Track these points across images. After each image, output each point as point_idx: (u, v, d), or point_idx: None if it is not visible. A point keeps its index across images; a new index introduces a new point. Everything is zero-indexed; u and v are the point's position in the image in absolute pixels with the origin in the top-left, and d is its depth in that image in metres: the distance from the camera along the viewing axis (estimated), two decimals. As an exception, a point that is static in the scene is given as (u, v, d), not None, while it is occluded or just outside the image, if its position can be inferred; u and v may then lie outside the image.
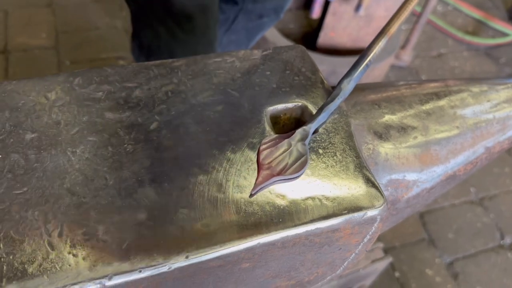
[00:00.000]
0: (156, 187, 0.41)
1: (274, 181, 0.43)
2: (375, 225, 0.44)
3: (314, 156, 0.46)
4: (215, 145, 0.45)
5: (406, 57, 2.13)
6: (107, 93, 0.47)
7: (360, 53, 1.89)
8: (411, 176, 0.51)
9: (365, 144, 0.49)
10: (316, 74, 0.53)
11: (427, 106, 0.52)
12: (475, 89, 0.56)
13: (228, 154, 0.44)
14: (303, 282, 0.50)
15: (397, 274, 1.59)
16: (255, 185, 0.42)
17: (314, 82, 0.53)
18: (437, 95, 0.54)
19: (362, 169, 0.45)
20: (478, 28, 2.41)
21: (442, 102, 0.53)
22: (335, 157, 0.46)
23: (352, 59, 1.96)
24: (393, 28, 0.50)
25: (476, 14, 2.43)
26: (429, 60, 2.25)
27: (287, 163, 0.44)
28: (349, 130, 0.48)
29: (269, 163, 0.44)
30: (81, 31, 2.09)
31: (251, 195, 0.42)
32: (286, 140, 0.45)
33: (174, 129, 0.45)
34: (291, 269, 0.46)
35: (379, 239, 1.12)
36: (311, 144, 0.47)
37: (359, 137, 0.49)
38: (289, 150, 0.45)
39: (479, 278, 1.62)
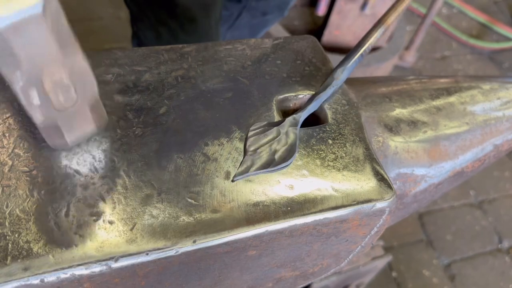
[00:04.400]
0: (164, 170, 0.40)
1: (258, 173, 0.42)
2: (383, 217, 0.44)
3: (323, 147, 0.45)
4: (224, 132, 0.44)
5: (410, 58, 2.12)
6: (116, 75, 0.47)
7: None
8: (419, 171, 0.50)
9: (375, 137, 0.48)
10: (326, 65, 0.53)
11: (438, 102, 0.52)
12: (486, 86, 0.55)
13: (236, 142, 0.44)
14: (307, 273, 0.49)
15: (394, 274, 1.59)
16: (236, 173, 0.41)
17: (325, 73, 0.52)
18: (448, 91, 0.53)
19: (372, 161, 0.45)
20: (482, 31, 2.41)
21: (453, 98, 0.53)
22: (344, 148, 0.45)
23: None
24: (390, 19, 0.50)
25: (481, 17, 2.43)
26: (433, 62, 2.25)
27: (275, 150, 0.43)
28: (359, 121, 0.47)
29: (254, 150, 0.43)
30: (84, 21, 2.08)
31: (233, 181, 0.41)
32: (275, 128, 0.44)
33: (183, 114, 0.45)
34: (296, 259, 0.45)
35: (379, 237, 1.12)
36: (321, 134, 0.46)
37: (369, 129, 0.48)
38: (277, 138, 0.44)
39: (476, 281, 1.63)
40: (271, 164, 0.42)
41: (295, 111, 0.50)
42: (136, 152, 0.41)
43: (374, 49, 1.96)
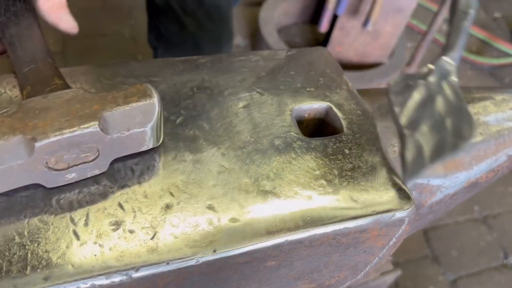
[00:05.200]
0: (184, 179, 0.40)
1: (436, 162, 0.29)
2: (403, 227, 0.43)
3: (340, 156, 0.45)
4: (241, 142, 0.44)
5: (411, 74, 2.13)
6: (132, 86, 0.47)
7: (366, 68, 1.90)
8: (435, 181, 0.50)
9: (391, 147, 0.48)
10: (340, 76, 0.53)
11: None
12: (498, 97, 0.56)
13: (254, 151, 0.44)
14: (324, 285, 0.49)
15: (400, 290, 1.57)
16: (409, 171, 0.28)
17: (339, 84, 0.52)
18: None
19: (390, 171, 0.44)
20: (482, 48, 2.43)
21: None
22: (361, 158, 0.45)
23: (358, 74, 1.96)
24: None
25: (480, 34, 2.45)
26: (434, 77, 2.26)
27: (441, 118, 0.27)
28: (375, 132, 0.47)
29: (411, 122, 0.28)
30: (88, 37, 2.10)
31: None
32: (424, 83, 0.29)
33: (199, 125, 0.45)
34: (314, 271, 0.45)
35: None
36: (337, 143, 0.46)
37: (385, 140, 0.48)
38: (434, 99, 0.28)
39: (483, 297, 1.60)
40: (445, 144, 0.26)
41: (310, 120, 0.50)
42: (154, 162, 0.41)
43: (376, 65, 1.97)
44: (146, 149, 0.39)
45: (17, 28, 0.46)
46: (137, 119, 0.36)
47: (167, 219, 0.37)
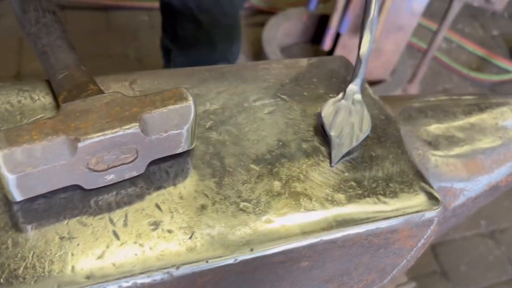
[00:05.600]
0: (217, 181, 0.41)
1: (348, 149, 0.45)
2: (431, 227, 0.44)
3: (367, 159, 0.46)
4: (269, 145, 0.45)
5: (413, 91, 2.16)
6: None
7: (369, 85, 1.91)
8: (458, 185, 0.51)
9: (416, 150, 0.49)
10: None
11: (471, 117, 0.53)
12: (515, 103, 0.57)
13: (282, 154, 0.45)
14: (351, 290, 0.49)
15: (411, 306, 1.55)
16: (332, 159, 0.44)
17: (361, 90, 0.53)
18: (479, 107, 0.55)
19: (416, 173, 0.45)
20: (482, 65, 2.46)
21: (484, 113, 0.54)
22: (388, 161, 0.46)
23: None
24: None
25: (480, 51, 2.49)
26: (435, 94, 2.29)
27: (352, 124, 0.46)
28: (399, 135, 0.48)
29: (337, 132, 0.46)
30: (93, 58, 2.12)
31: (331, 166, 0.44)
32: (342, 103, 0.48)
33: (229, 129, 0.46)
34: (344, 273, 0.45)
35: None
36: (363, 147, 0.47)
37: (409, 143, 0.49)
38: (349, 112, 0.47)
39: (494, 313, 1.59)
40: (355, 138, 0.45)
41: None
42: (187, 164, 0.42)
43: (378, 82, 2.00)
44: (182, 151, 0.40)
45: (48, 38, 0.48)
46: (175, 121, 0.37)
47: (203, 220, 0.38)
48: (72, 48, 0.48)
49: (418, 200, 0.43)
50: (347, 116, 0.46)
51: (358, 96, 0.47)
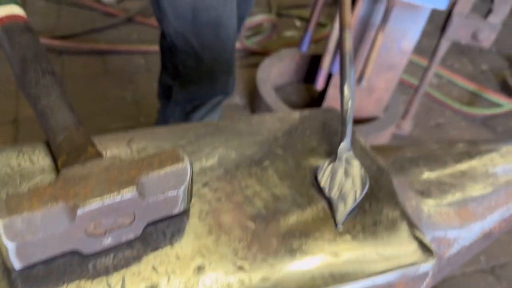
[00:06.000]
0: (213, 239, 0.41)
1: (353, 208, 0.46)
2: (426, 280, 0.44)
3: (361, 212, 0.47)
4: (265, 199, 0.46)
5: (407, 126, 2.20)
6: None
7: (363, 122, 1.94)
8: (452, 233, 0.52)
9: (409, 200, 0.50)
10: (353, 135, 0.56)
11: (461, 165, 0.55)
12: (503, 149, 0.58)
13: (278, 210, 0.45)
14: None
15: None
16: (337, 220, 0.45)
17: (353, 141, 0.55)
18: (469, 155, 0.56)
19: (410, 225, 0.46)
20: (473, 99, 2.51)
21: (474, 161, 0.55)
22: (382, 213, 0.47)
23: (355, 128, 2.00)
24: (348, 18, 0.53)
25: (470, 86, 2.55)
26: (429, 129, 2.32)
27: (352, 181, 0.47)
28: (391, 187, 0.49)
29: (337, 192, 0.47)
30: (90, 102, 2.15)
31: (337, 227, 0.45)
32: (336, 164, 0.49)
33: (224, 185, 0.47)
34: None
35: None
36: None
37: (402, 194, 0.50)
38: (345, 171, 0.48)
39: None
40: (355, 196, 0.46)
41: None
42: (184, 224, 0.42)
43: (371, 119, 2.03)
44: (178, 212, 0.41)
45: (48, 99, 0.49)
46: (171, 182, 0.38)
47: (200, 280, 0.38)
48: (71, 108, 0.49)
49: (413, 252, 0.44)
50: (344, 175, 0.48)
51: (351, 154, 0.49)
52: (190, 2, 1.02)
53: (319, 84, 1.88)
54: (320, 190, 0.48)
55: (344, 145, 0.49)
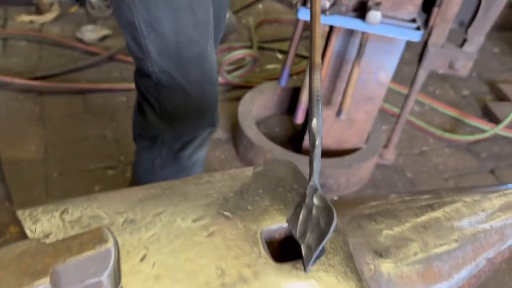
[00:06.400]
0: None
1: (320, 248, 0.43)
2: None
3: (313, 281, 0.43)
4: (208, 274, 0.42)
5: (390, 156, 2.18)
6: (92, 221, 0.46)
7: (345, 153, 1.92)
8: (416, 296, 0.48)
9: (366, 264, 0.47)
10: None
11: (423, 219, 0.52)
12: (468, 199, 0.56)
13: (223, 283, 0.42)
14: None
15: None
16: (305, 262, 0.43)
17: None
18: (431, 207, 0.53)
19: (365, 292, 0.42)
20: (456, 125, 2.51)
21: (437, 214, 0.52)
22: (336, 281, 0.43)
23: (337, 160, 1.98)
24: (317, 59, 0.51)
25: (452, 112, 2.55)
26: (412, 157, 2.31)
27: (317, 221, 0.44)
28: (348, 250, 0.46)
29: (303, 234, 0.45)
30: (70, 142, 2.12)
31: (306, 271, 0.43)
32: (303, 206, 0.47)
33: (163, 259, 0.43)
34: None
35: None
36: (311, 267, 0.44)
37: (359, 257, 0.47)
38: (311, 211, 0.46)
39: None
40: (324, 233, 0.43)
41: (281, 241, 0.49)
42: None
43: (354, 150, 2.01)
44: (105, 298, 0.37)
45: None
46: (92, 268, 0.35)
47: None
48: (1, 180, 0.46)
49: (369, 326, 0.40)
50: (309, 214, 0.45)
51: (319, 192, 0.46)
52: (173, 39, 1.01)
53: (299, 118, 1.87)
54: (268, 257, 0.44)
55: (311, 185, 0.47)
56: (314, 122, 0.48)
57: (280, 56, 2.86)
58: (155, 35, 0.99)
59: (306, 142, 2.02)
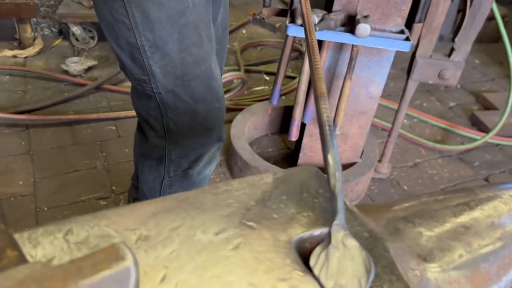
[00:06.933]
0: None
1: None
2: None
3: (356, 290, 0.39)
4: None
5: (384, 169, 2.16)
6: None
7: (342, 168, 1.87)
8: (464, 302, 0.44)
9: (411, 271, 0.43)
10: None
11: (462, 219, 0.48)
12: (504, 195, 0.52)
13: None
14: None
15: None
16: None
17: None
18: (468, 205, 0.50)
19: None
20: (446, 136, 2.52)
21: (476, 212, 0.49)
22: (381, 289, 0.39)
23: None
24: (322, 88, 0.47)
25: (441, 123, 2.56)
26: (407, 170, 2.29)
27: (353, 271, 0.38)
28: (389, 256, 0.42)
29: (335, 283, 0.38)
30: (59, 174, 2.05)
31: None
32: (330, 248, 0.40)
33: (187, 278, 0.38)
34: None
35: None
36: None
37: (402, 263, 0.43)
38: (342, 255, 0.39)
39: None
40: (361, 285, 0.38)
41: (313, 250, 0.45)
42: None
43: (350, 165, 1.99)
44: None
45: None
46: None
47: None
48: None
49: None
50: (341, 262, 0.39)
51: (346, 234, 0.41)
52: (179, 58, 0.98)
53: (293, 135, 1.84)
54: (307, 267, 0.40)
55: (337, 223, 0.41)
56: (331, 155, 0.44)
57: (267, 77, 2.86)
58: (160, 56, 0.95)
59: (301, 159, 1.99)
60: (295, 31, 1.54)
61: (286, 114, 2.31)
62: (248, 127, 2.19)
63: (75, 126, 2.34)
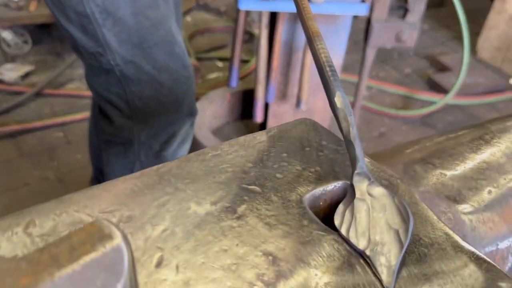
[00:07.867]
0: None
1: (399, 260, 0.30)
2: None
3: (394, 245, 0.32)
4: (256, 264, 0.30)
5: (353, 142, 2.14)
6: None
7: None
8: (503, 244, 0.39)
9: (443, 214, 0.37)
10: (341, 145, 0.42)
11: (481, 154, 0.43)
12: (515, 123, 0.48)
13: (281, 271, 0.29)
14: None
15: None
16: (385, 282, 0.29)
17: (343, 153, 0.41)
18: (484, 139, 0.45)
19: (463, 248, 0.32)
20: (407, 102, 2.54)
21: (494, 148, 0.44)
22: (422, 242, 0.32)
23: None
24: (314, 27, 0.42)
25: (400, 90, 2.58)
26: (374, 140, 2.28)
27: (386, 221, 0.32)
28: (418, 203, 0.35)
29: (369, 240, 0.31)
30: (9, 190, 1.88)
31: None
32: (356, 201, 0.34)
33: (189, 258, 0.30)
34: None
35: None
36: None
37: (432, 207, 0.36)
38: (370, 207, 0.33)
39: None
40: (399, 240, 0.31)
41: (327, 208, 0.38)
42: None
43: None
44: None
45: None
46: (98, 281, 0.21)
47: None
48: None
49: (484, 280, 0.29)
50: (371, 214, 0.32)
51: (372, 182, 0.34)
52: (134, 23, 0.87)
53: (258, 116, 1.77)
54: (330, 227, 0.32)
55: (359, 172, 0.35)
56: (338, 97, 0.36)
57: (220, 64, 2.77)
58: (112, 22, 0.84)
59: (268, 141, 1.92)
60: (247, 4, 1.46)
61: (245, 98, 2.23)
62: (208, 116, 2.10)
63: (19, 137, 2.16)
